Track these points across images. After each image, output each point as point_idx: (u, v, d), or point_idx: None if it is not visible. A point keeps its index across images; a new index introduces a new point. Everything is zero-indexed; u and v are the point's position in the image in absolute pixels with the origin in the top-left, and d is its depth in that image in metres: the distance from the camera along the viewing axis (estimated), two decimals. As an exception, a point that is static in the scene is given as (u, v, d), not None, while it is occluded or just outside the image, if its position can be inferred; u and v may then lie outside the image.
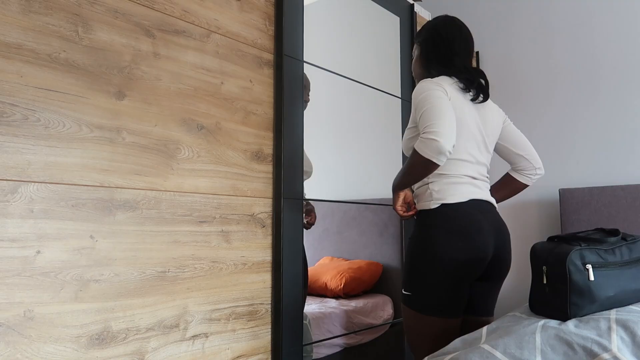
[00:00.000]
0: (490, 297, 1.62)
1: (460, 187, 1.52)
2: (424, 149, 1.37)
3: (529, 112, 2.89)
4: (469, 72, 1.57)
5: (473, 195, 1.53)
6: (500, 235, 1.56)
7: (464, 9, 3.18)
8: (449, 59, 1.58)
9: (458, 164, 1.52)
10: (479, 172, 1.57)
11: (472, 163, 1.55)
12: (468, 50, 1.63)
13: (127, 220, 1.34)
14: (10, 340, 1.11)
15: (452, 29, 1.62)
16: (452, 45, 1.59)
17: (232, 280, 1.58)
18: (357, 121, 2.35)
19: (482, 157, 1.59)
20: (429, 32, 1.64)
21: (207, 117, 1.56)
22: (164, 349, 1.40)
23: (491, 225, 1.53)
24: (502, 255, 1.57)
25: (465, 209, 1.51)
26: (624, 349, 1.05)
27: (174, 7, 1.49)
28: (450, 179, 1.52)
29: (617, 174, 2.60)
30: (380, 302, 2.45)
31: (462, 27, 1.64)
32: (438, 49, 1.61)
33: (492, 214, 1.57)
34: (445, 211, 1.50)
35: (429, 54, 1.63)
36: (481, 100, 1.57)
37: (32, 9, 1.19)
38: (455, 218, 1.49)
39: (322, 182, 2.08)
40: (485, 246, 1.50)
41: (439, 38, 1.61)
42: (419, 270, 1.51)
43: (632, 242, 1.39)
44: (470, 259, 1.47)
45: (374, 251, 2.63)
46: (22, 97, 1.16)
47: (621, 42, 2.64)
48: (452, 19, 1.66)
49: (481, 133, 1.57)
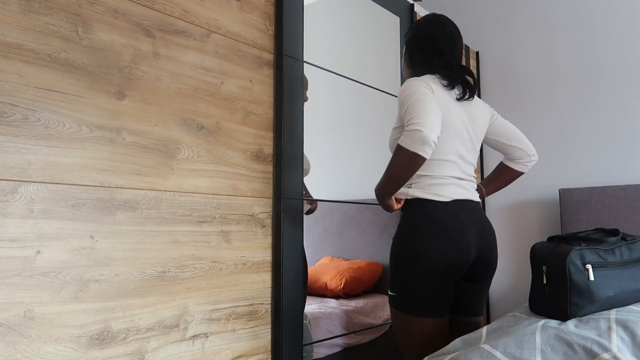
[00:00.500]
0: (477, 297, 1.61)
1: (444, 188, 1.51)
2: (409, 141, 1.33)
3: (529, 112, 2.89)
4: (453, 69, 1.55)
5: (457, 195, 1.52)
6: (484, 235, 1.55)
7: (463, 9, 3.19)
8: (432, 57, 1.58)
9: (443, 164, 1.51)
10: (464, 172, 1.57)
11: (458, 164, 1.54)
12: (454, 48, 1.61)
13: (127, 220, 1.34)
14: (10, 340, 1.11)
15: (435, 27, 1.61)
16: (435, 43, 1.58)
17: (232, 280, 1.58)
18: (357, 121, 2.35)
19: (469, 156, 1.58)
20: (413, 32, 1.65)
21: (207, 117, 1.56)
22: (164, 349, 1.40)
23: (474, 225, 1.53)
24: (487, 255, 1.56)
25: (448, 210, 1.50)
26: (624, 349, 1.05)
27: (174, 7, 1.49)
28: (433, 180, 1.51)
29: (617, 174, 2.60)
30: (380, 302, 2.45)
31: (446, 23, 1.62)
32: (422, 47, 1.60)
33: (476, 214, 1.56)
34: (427, 212, 1.50)
35: (414, 53, 1.63)
36: (467, 97, 1.56)
37: (32, 9, 1.19)
38: (437, 219, 1.49)
39: (322, 182, 2.08)
40: (468, 247, 1.49)
41: (422, 37, 1.61)
42: (402, 271, 1.51)
43: (632, 242, 1.39)
44: (453, 259, 1.47)
45: (374, 251, 2.63)
46: (22, 97, 1.17)
47: (621, 42, 2.64)
48: (436, 16, 1.65)
49: (468, 132, 1.56)
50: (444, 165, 1.51)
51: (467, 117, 1.56)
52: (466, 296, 1.59)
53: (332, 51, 2.14)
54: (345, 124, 2.30)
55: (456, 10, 3.07)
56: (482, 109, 1.65)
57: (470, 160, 1.58)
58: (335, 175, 2.25)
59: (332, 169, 2.21)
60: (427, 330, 1.49)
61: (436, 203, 1.50)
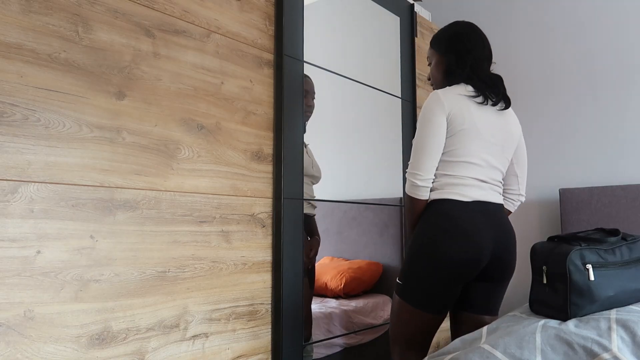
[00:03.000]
0: (493, 297, 1.63)
1: (465, 188, 1.54)
2: (407, 186, 1.57)
3: (529, 112, 2.89)
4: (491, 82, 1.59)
5: (477, 196, 1.54)
6: (502, 237, 1.57)
7: (464, 9, 3.19)
8: (472, 71, 1.59)
9: (465, 166, 1.54)
10: (489, 176, 1.58)
11: (482, 167, 1.56)
12: (490, 58, 1.65)
13: (127, 220, 1.34)
14: (10, 340, 1.11)
15: (475, 39, 1.63)
16: (475, 56, 1.60)
17: (232, 280, 1.58)
18: (357, 121, 2.35)
19: (496, 161, 1.59)
20: (452, 43, 1.64)
21: (207, 117, 1.56)
22: (164, 349, 1.40)
23: (492, 227, 1.54)
24: (504, 257, 1.58)
25: (466, 209, 1.52)
26: (624, 349, 1.05)
27: (174, 7, 1.49)
28: (454, 179, 1.54)
29: (617, 174, 2.60)
30: (380, 302, 2.45)
31: (482, 35, 1.65)
32: (464, 62, 1.60)
33: (496, 216, 1.58)
34: (445, 210, 1.53)
35: (453, 66, 1.62)
36: (502, 107, 1.60)
37: (32, 9, 1.19)
38: (455, 218, 1.51)
39: (322, 182, 2.08)
40: (483, 247, 1.51)
41: (465, 52, 1.61)
42: (414, 264, 1.54)
43: (632, 242, 1.39)
44: (466, 259, 1.49)
45: (374, 251, 2.62)
46: (22, 97, 1.16)
47: (621, 42, 2.64)
48: (473, 28, 1.66)
49: (495, 137, 1.58)
50: (465, 166, 1.54)
51: (497, 124, 1.58)
52: (480, 295, 1.61)
53: (333, 51, 2.14)
54: (345, 124, 2.30)
55: (456, 10, 3.07)
56: (515, 122, 1.67)
57: (496, 165, 1.60)
58: (335, 175, 2.25)
59: (332, 169, 2.21)
60: (424, 324, 1.54)
61: (455, 202, 1.53)
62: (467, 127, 1.52)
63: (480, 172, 1.56)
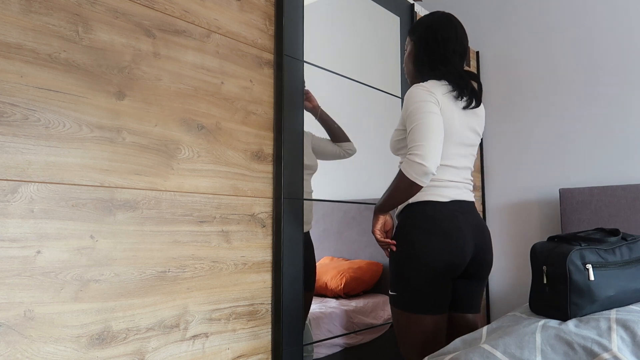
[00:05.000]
0: (474, 294, 1.65)
1: (442, 190, 1.55)
2: (410, 170, 1.41)
3: (529, 112, 2.89)
4: (462, 78, 1.54)
5: (454, 196, 1.56)
6: (479, 235, 1.58)
7: (464, 9, 3.19)
8: (441, 62, 1.56)
9: (444, 169, 1.54)
10: (462, 177, 1.60)
11: (457, 169, 1.57)
12: (463, 53, 1.60)
13: (127, 220, 1.34)
14: (10, 340, 1.11)
15: (447, 30, 1.57)
16: (446, 47, 1.56)
17: (232, 280, 1.58)
18: (357, 121, 2.35)
19: (468, 162, 1.61)
20: (424, 32, 1.60)
21: (207, 117, 1.56)
22: (164, 349, 1.40)
23: (471, 225, 1.56)
24: (482, 255, 1.59)
25: (445, 209, 1.53)
26: (624, 349, 1.05)
27: (174, 7, 1.49)
28: (434, 182, 1.54)
29: (617, 174, 2.60)
30: (380, 302, 2.45)
31: (457, 26, 1.60)
32: (432, 50, 1.57)
33: (472, 214, 1.59)
34: (426, 212, 1.53)
35: (422, 54, 1.60)
36: (473, 106, 1.57)
37: (32, 9, 1.19)
38: (435, 218, 1.52)
39: (323, 182, 2.08)
40: (465, 246, 1.52)
41: (433, 40, 1.57)
42: (401, 270, 1.54)
43: (632, 242, 1.39)
44: (450, 258, 1.50)
45: (374, 251, 2.62)
46: (22, 97, 1.16)
47: (621, 42, 2.64)
48: (448, 18, 1.61)
49: (469, 138, 1.58)
50: (445, 170, 1.54)
51: (470, 124, 1.58)
52: (463, 294, 1.63)
53: (332, 51, 2.14)
54: (345, 123, 2.30)
55: (456, 10, 3.07)
56: (483, 114, 1.66)
57: (468, 165, 1.62)
58: (335, 175, 2.25)
59: (332, 168, 2.21)
60: (427, 327, 1.52)
61: (435, 203, 1.53)
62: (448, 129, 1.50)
63: (456, 173, 1.57)
